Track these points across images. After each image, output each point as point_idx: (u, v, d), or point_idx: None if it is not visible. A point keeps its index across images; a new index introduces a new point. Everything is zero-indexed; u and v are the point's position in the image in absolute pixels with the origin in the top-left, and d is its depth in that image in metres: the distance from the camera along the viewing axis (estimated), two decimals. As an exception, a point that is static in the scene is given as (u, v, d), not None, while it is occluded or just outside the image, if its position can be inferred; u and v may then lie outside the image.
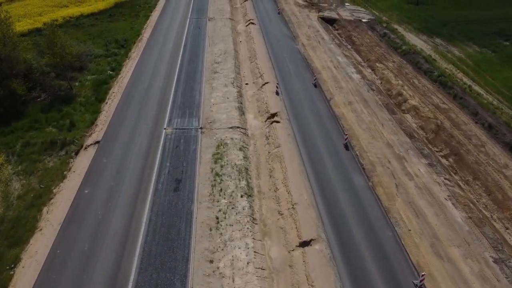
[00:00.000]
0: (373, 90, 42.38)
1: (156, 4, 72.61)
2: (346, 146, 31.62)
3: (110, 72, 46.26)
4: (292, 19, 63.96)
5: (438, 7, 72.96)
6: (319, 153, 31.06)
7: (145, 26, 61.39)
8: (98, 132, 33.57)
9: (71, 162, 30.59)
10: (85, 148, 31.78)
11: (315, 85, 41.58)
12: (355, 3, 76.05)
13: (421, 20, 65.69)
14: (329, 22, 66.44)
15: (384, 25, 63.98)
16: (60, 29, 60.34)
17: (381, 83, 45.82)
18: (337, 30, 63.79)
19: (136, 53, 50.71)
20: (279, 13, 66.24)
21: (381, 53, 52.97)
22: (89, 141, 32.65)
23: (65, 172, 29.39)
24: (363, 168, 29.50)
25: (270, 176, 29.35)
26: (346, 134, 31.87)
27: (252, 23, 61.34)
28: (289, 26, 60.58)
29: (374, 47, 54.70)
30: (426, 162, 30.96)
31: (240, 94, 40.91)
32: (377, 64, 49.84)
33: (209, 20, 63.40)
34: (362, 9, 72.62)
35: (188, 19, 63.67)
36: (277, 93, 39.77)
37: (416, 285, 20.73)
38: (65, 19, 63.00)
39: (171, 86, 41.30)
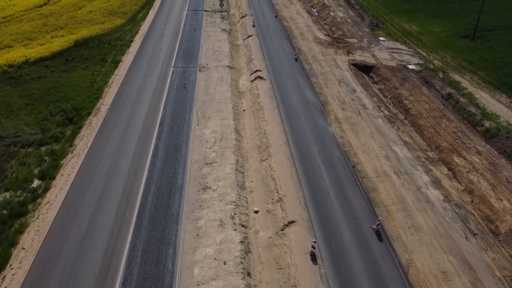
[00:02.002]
0: (474, 233, 24.81)
1: (131, 41, 54.98)
2: None
3: (37, 183, 28.76)
4: (314, 69, 46.34)
5: (502, 43, 55.34)
6: None
7: (110, 80, 43.82)
8: None
9: None
10: None
11: (378, 235, 23.92)
12: (392, 37, 58.50)
13: (489, 67, 48.13)
14: (364, 69, 48.95)
15: (441, 75, 46.52)
16: (-9, 85, 43.29)
17: (472, 202, 28.33)
18: (376, 83, 46.24)
19: (85, 140, 33.18)
20: (296, 60, 48.52)
21: (452, 132, 35.48)
22: None
23: None
24: None
25: None
26: None
27: (260, 77, 43.78)
28: (312, 82, 42.96)
29: (440, 120, 37.21)
30: None
31: (246, 248, 23.34)
32: (454, 158, 32.32)
33: (200, 70, 45.81)
34: (403, 46, 55.05)
35: (172, 68, 46.11)
36: (312, 256, 22.22)
37: None
38: (2, 68, 45.48)
39: (125, 236, 23.74)
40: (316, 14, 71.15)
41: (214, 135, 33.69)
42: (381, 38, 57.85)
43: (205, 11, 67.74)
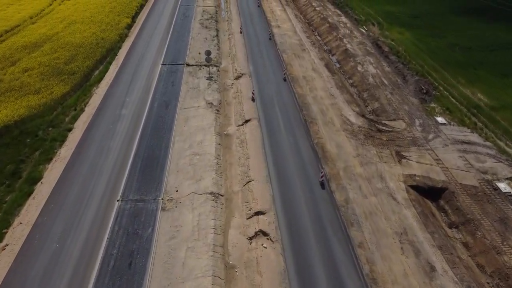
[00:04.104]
0: None
1: (70, 130, 36.53)
2: None
3: None
4: (353, 201, 27.98)
5: None
6: None
7: (6, 238, 25.40)
8: None
9: None
10: None
11: None
12: (454, 116, 40.25)
13: None
14: (428, 193, 30.68)
15: (559, 210, 28.37)
16: None
17: None
18: (456, 226, 27.98)
19: None
20: (322, 184, 29.89)
21: None
22: None
23: None
24: None
25: None
26: None
27: (265, 233, 25.40)
28: (354, 245, 24.61)
29: None
30: None
31: None
32: None
33: (164, 208, 27.48)
34: (476, 137, 36.82)
35: (117, 204, 27.73)
36: None
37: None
38: None
39: None
40: (337, 65, 52.88)
41: None
42: (439, 119, 39.51)
43: (187, 65, 49.34)
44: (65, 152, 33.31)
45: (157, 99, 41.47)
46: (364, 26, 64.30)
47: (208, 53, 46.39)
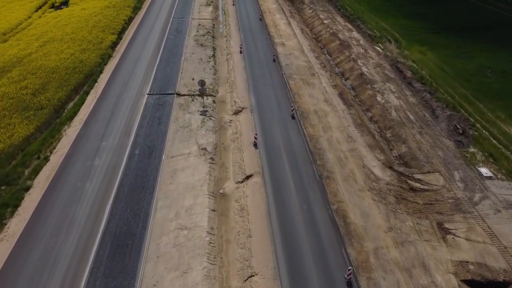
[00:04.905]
0: None
1: (28, 189, 29.13)
2: None
3: None
4: (392, 313, 20.88)
5: None
6: None
7: None
8: None
9: None
10: None
11: None
12: (500, 165, 32.96)
13: None
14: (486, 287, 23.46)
15: None
16: None
17: None
18: None
19: None
20: (349, 282, 22.48)
21: None
22: None
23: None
24: None
25: None
26: None
27: None
28: None
29: None
30: None
31: None
32: None
33: (135, 323, 20.31)
34: (534, 197, 29.59)
35: (72, 317, 20.58)
36: None
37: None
38: None
39: None
40: (352, 92, 45.71)
41: None
42: (484, 171, 32.19)
43: (178, 95, 42.19)
44: (15, 225, 26.04)
45: (139, 144, 34.20)
46: (379, 44, 57.08)
47: (202, 83, 39.17)
